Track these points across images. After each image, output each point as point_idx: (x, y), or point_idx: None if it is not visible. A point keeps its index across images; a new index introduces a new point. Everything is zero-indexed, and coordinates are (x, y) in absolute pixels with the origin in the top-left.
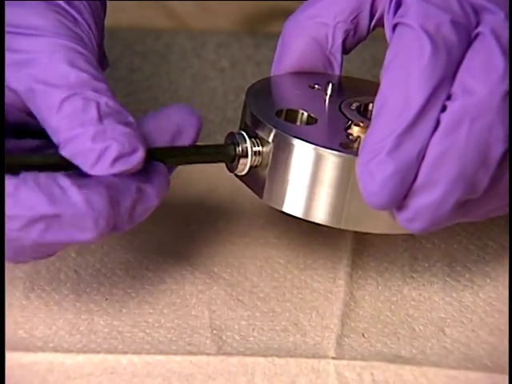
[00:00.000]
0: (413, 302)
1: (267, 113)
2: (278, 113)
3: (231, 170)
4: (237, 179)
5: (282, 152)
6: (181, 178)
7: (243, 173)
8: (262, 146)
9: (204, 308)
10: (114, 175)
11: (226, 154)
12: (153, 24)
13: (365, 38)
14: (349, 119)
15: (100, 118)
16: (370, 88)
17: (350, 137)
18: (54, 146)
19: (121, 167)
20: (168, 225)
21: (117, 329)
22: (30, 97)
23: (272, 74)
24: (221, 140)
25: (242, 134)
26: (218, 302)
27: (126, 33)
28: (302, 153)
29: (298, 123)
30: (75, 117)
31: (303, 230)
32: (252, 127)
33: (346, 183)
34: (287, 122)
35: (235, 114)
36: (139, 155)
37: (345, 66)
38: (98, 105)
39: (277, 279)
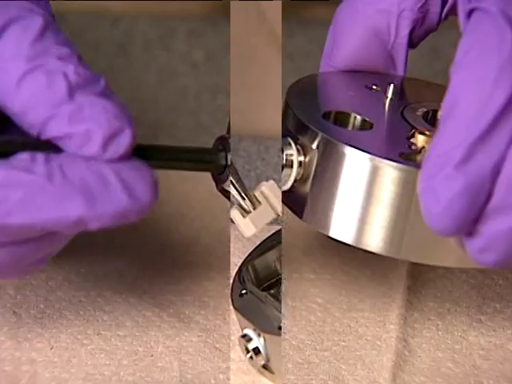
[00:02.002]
0: (481, 351)
1: (312, 115)
2: (326, 115)
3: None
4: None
5: (329, 162)
6: None
7: (286, 187)
8: (305, 155)
9: (173, 358)
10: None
11: (214, 162)
12: (108, 8)
13: (435, 29)
14: (412, 127)
15: (71, 93)
16: (440, 93)
17: (413, 147)
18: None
19: (115, 151)
20: (129, 255)
21: (65, 383)
22: None
23: (320, 71)
24: None
25: (287, 139)
26: (190, 351)
27: (75, 18)
28: (355, 163)
29: (350, 128)
30: (41, 96)
31: (346, 262)
32: (294, 132)
33: (407, 202)
34: (336, 127)
35: (211, 118)
36: (127, 135)
37: None
38: (65, 76)
39: (313, 323)
